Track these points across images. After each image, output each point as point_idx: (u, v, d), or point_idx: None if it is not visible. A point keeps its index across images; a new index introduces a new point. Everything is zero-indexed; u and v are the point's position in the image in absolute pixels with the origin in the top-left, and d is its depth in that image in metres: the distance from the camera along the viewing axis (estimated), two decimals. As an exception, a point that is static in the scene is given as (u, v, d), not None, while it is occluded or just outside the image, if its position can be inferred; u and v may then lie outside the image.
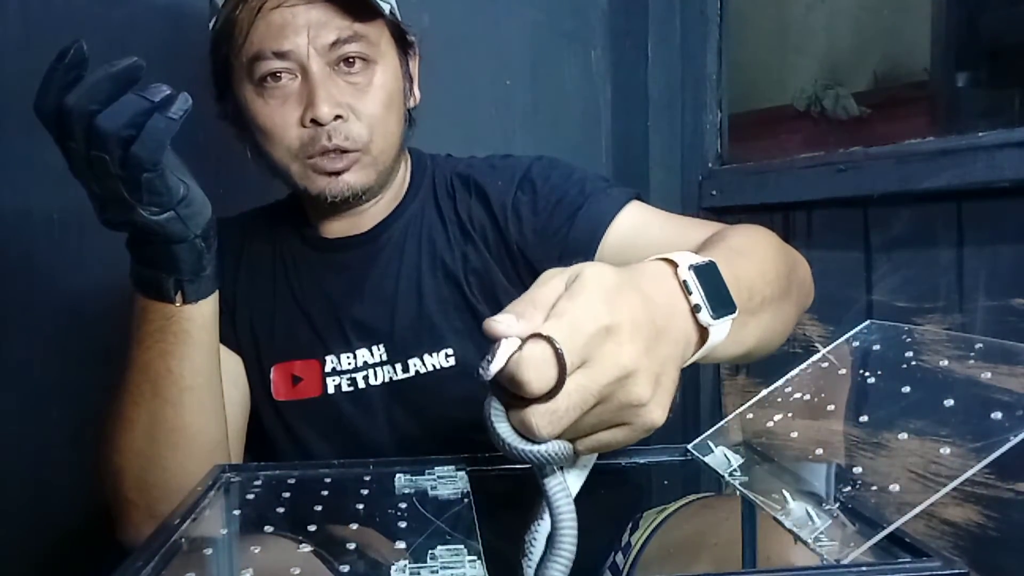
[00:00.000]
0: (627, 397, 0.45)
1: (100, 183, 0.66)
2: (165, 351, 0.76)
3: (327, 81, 0.84)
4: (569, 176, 0.91)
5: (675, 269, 0.52)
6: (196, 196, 0.72)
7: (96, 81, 0.62)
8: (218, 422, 0.82)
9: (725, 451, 0.58)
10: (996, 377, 0.47)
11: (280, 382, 0.92)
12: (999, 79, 1.11)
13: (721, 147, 1.36)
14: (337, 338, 0.91)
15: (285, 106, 0.84)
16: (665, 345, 0.48)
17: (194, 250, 0.73)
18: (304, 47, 0.83)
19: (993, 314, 0.92)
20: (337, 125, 0.84)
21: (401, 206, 0.94)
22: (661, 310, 0.49)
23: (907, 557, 0.44)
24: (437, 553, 0.46)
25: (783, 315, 0.67)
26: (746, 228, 0.74)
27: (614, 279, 0.47)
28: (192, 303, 0.76)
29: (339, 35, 0.83)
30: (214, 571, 0.52)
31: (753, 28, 1.44)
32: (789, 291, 0.68)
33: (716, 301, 0.52)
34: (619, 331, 0.45)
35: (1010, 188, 0.88)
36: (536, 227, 0.88)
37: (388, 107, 0.87)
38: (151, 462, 0.78)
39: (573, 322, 0.44)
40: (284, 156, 0.86)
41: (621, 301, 0.46)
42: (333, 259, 0.93)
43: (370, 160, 0.87)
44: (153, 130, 0.63)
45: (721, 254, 0.58)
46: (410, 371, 0.90)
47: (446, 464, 0.60)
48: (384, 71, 0.87)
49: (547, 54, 1.41)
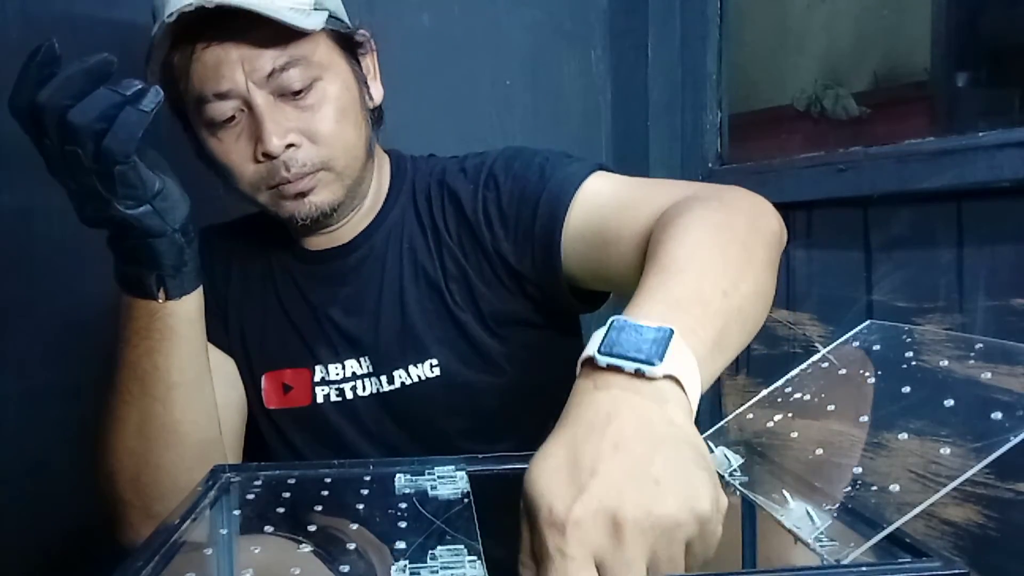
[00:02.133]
0: (664, 537, 0.42)
1: (75, 178, 0.67)
2: (151, 348, 0.77)
3: (273, 112, 0.81)
4: (530, 163, 0.87)
5: (592, 363, 0.50)
6: (172, 191, 0.72)
7: (68, 77, 0.63)
8: (209, 419, 0.82)
9: (725, 451, 0.58)
10: (996, 377, 0.47)
11: (271, 390, 0.92)
12: (999, 79, 1.11)
13: (721, 147, 1.36)
14: (325, 348, 0.91)
15: (238, 143, 0.83)
16: (641, 447, 0.45)
17: (173, 245, 0.74)
18: (242, 83, 0.80)
19: (993, 314, 0.92)
20: (292, 153, 0.82)
21: (381, 214, 0.93)
22: (614, 427, 0.46)
23: (907, 557, 0.44)
24: (437, 553, 0.46)
25: (755, 286, 0.63)
26: (689, 208, 0.68)
27: (546, 472, 0.45)
28: (175, 299, 0.76)
29: (274, 64, 0.80)
30: (214, 571, 0.52)
31: (753, 28, 1.44)
32: (751, 260, 0.64)
33: (650, 348, 0.49)
34: (594, 516, 0.42)
35: (1010, 188, 0.88)
36: (505, 224, 0.86)
37: (342, 120, 0.84)
38: (144, 461, 0.79)
39: (552, 559, 0.42)
40: (249, 189, 0.85)
41: (572, 487, 0.43)
42: (317, 271, 0.93)
43: (333, 176, 0.85)
44: (125, 123, 0.64)
45: (654, 279, 0.57)
46: (395, 383, 0.89)
47: (446, 464, 0.60)
48: (331, 84, 0.84)
49: (547, 54, 1.41)
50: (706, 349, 0.54)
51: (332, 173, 0.85)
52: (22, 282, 1.14)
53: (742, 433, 0.59)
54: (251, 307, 0.94)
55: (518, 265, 0.86)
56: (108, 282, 0.79)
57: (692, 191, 0.75)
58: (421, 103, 1.27)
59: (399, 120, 1.00)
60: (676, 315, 0.54)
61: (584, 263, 0.82)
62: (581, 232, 0.81)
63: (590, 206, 0.81)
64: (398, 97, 1.00)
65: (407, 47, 1.29)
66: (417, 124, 1.03)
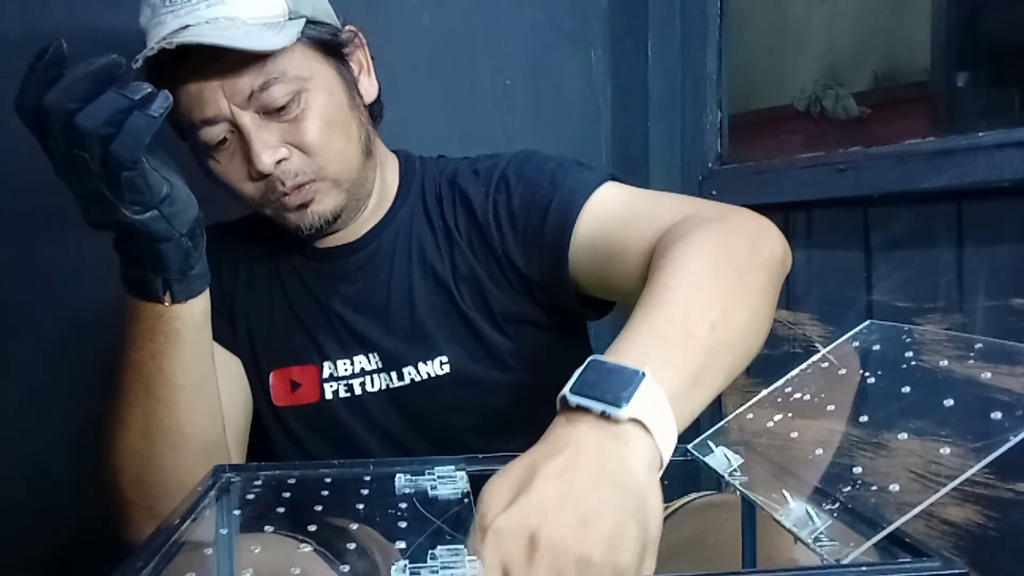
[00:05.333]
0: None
1: (82, 182, 0.66)
2: (156, 351, 0.76)
3: (259, 131, 0.81)
4: (542, 168, 0.87)
5: (565, 401, 0.52)
6: (180, 195, 0.71)
7: (75, 79, 0.62)
8: (214, 422, 0.82)
9: (725, 451, 0.58)
10: (996, 377, 0.47)
11: (279, 387, 0.92)
12: (999, 79, 1.11)
13: (721, 147, 1.36)
14: (333, 344, 0.91)
15: (232, 163, 0.84)
16: (584, 480, 0.47)
17: (180, 249, 0.73)
18: (226, 107, 0.80)
19: (993, 314, 0.92)
20: (284, 167, 0.82)
21: (390, 213, 0.93)
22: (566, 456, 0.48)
23: (907, 557, 0.44)
24: (437, 553, 0.46)
25: (748, 316, 0.63)
26: (690, 232, 0.69)
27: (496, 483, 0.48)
28: (181, 302, 0.76)
29: (253, 85, 0.80)
30: (214, 571, 0.52)
31: (753, 28, 1.44)
32: (746, 288, 0.64)
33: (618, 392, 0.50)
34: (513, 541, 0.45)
35: (1010, 188, 0.88)
36: (515, 227, 0.87)
37: (330, 127, 0.84)
38: (148, 462, 0.78)
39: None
40: (251, 205, 0.87)
41: (507, 499, 0.46)
42: (325, 268, 0.93)
43: (330, 184, 0.85)
44: (132, 128, 0.63)
45: (643, 312, 0.58)
46: (405, 379, 0.90)
47: (446, 464, 0.60)
48: (316, 94, 0.83)
49: (547, 54, 1.41)
50: (684, 385, 0.55)
51: (328, 182, 0.85)
52: (23, 282, 1.14)
53: (742, 433, 0.59)
54: (258, 305, 0.94)
55: (526, 269, 0.87)
56: (109, 284, 0.79)
57: (697, 208, 0.76)
58: (421, 103, 1.27)
59: (399, 120, 1.00)
60: (658, 350, 0.55)
61: (590, 273, 0.83)
62: (589, 243, 0.82)
63: (599, 217, 0.82)
64: (398, 97, 1.00)
65: (407, 47, 1.29)
66: (417, 124, 1.02)
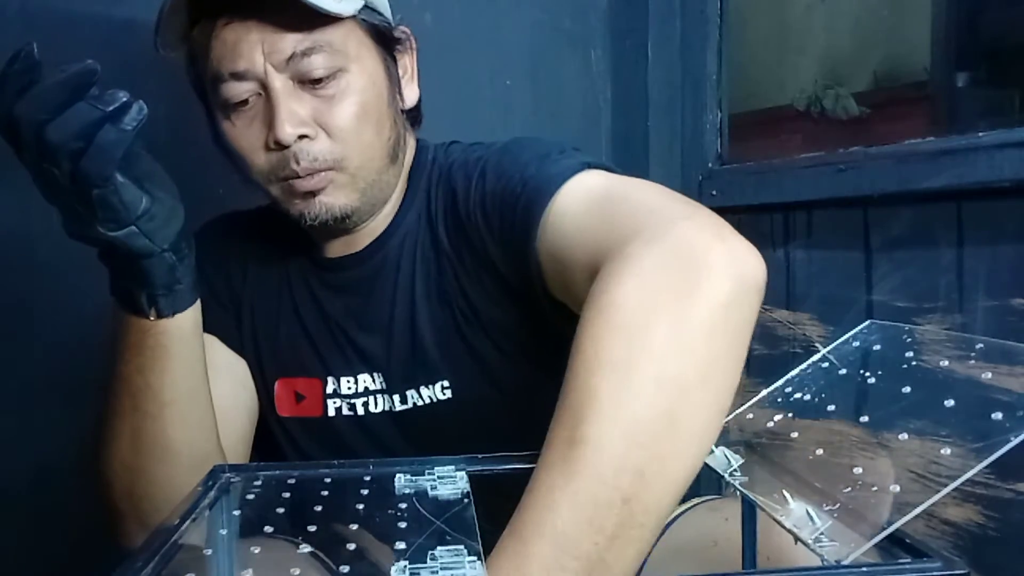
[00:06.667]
0: None
1: (55, 197, 0.63)
2: (143, 365, 0.74)
3: (289, 98, 0.76)
4: (517, 159, 0.79)
5: None
6: (162, 208, 0.67)
7: (45, 89, 0.58)
8: (205, 435, 0.79)
9: (725, 451, 0.58)
10: (996, 377, 0.47)
11: (284, 397, 0.90)
12: (999, 79, 1.11)
13: (721, 147, 1.36)
14: (338, 361, 0.88)
15: (251, 128, 0.78)
16: None
17: (163, 264, 0.69)
18: (260, 64, 0.75)
19: (993, 314, 0.92)
20: (303, 145, 0.77)
21: (397, 217, 0.87)
22: None
23: (907, 557, 0.43)
24: (437, 553, 0.46)
25: (690, 423, 0.53)
26: (620, 293, 0.56)
27: None
28: (167, 317, 0.72)
29: (296, 47, 0.75)
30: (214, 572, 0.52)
31: (753, 28, 1.44)
32: (690, 363, 0.53)
33: None
34: None
35: (1010, 188, 0.88)
36: (491, 229, 0.79)
37: (363, 117, 0.79)
38: (138, 475, 0.77)
39: None
40: (259, 178, 0.81)
41: None
42: (332, 279, 0.89)
43: (347, 179, 0.79)
44: (102, 143, 0.59)
45: (544, 471, 0.53)
46: (408, 403, 0.86)
47: (446, 464, 0.60)
48: (357, 77, 0.78)
49: (547, 54, 1.41)
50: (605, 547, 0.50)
51: (345, 174, 0.79)
52: (22, 282, 1.14)
53: (742, 433, 0.59)
54: (266, 309, 0.91)
55: (509, 279, 0.80)
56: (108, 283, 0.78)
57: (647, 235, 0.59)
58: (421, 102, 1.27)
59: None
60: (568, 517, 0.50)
61: (555, 280, 0.74)
62: (549, 247, 0.72)
63: (559, 219, 0.71)
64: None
65: (407, 47, 1.29)
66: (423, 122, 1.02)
